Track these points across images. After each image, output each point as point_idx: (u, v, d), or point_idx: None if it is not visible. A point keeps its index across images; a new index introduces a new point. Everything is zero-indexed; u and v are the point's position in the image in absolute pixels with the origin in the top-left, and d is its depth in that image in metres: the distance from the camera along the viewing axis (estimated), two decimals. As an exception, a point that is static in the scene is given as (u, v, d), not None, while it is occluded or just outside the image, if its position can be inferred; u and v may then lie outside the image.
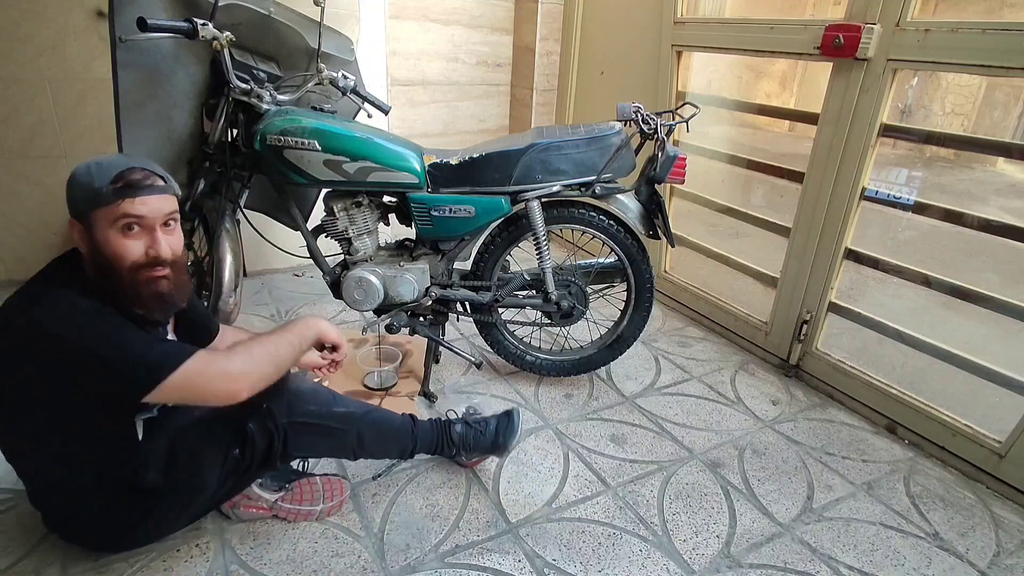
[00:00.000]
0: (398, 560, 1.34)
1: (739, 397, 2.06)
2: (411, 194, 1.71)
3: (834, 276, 2.01)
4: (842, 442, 1.85)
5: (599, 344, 2.04)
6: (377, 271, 1.77)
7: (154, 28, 1.37)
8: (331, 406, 1.32)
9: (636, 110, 1.72)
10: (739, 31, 2.18)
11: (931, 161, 5.31)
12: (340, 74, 1.68)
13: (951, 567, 1.42)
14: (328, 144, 1.60)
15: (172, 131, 1.63)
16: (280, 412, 1.23)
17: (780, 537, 1.47)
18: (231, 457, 1.22)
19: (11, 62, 2.20)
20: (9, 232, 2.42)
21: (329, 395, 1.35)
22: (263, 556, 1.32)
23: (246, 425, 1.20)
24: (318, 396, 1.31)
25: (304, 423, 1.26)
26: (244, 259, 1.90)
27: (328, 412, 1.30)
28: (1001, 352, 1.78)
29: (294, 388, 1.26)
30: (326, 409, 1.30)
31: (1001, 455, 1.66)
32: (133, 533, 1.25)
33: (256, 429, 1.21)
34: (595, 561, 1.36)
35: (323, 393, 1.34)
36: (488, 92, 3.34)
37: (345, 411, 1.33)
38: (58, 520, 1.24)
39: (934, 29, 1.62)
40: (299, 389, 1.27)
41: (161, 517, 1.24)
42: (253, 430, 1.21)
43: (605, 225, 1.81)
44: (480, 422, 1.55)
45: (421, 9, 2.93)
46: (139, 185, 1.04)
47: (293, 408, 1.25)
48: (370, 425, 1.39)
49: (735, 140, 3.43)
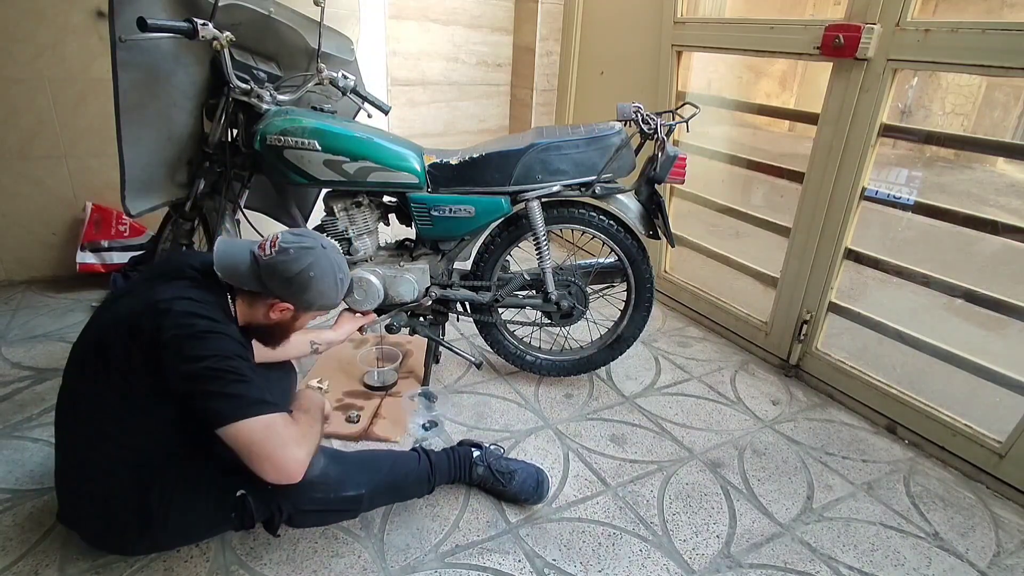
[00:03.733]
0: (398, 560, 1.34)
1: (739, 397, 2.06)
2: (411, 194, 1.71)
3: (834, 276, 2.01)
4: (842, 442, 1.85)
5: (599, 344, 2.04)
6: (377, 271, 1.77)
7: (154, 28, 1.37)
8: (340, 491, 1.23)
9: (636, 110, 1.72)
10: (739, 31, 2.18)
11: (931, 161, 5.31)
12: (340, 74, 1.68)
13: (951, 567, 1.42)
14: (328, 144, 1.60)
15: (172, 131, 1.63)
16: (285, 501, 1.18)
17: (780, 537, 1.47)
18: (226, 518, 1.19)
19: (11, 62, 2.21)
20: (9, 232, 2.42)
21: (338, 476, 1.24)
22: (263, 556, 1.32)
23: (245, 497, 1.16)
24: (327, 481, 1.22)
25: (311, 510, 1.22)
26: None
27: (336, 498, 1.23)
28: (1001, 352, 1.78)
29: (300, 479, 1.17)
30: (335, 495, 1.23)
31: (1001, 455, 1.66)
32: (131, 542, 1.24)
33: (256, 505, 1.17)
34: (595, 561, 1.36)
35: (332, 476, 1.23)
36: (488, 92, 3.34)
37: (355, 494, 1.25)
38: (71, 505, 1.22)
39: (934, 29, 1.62)
40: (305, 480, 1.15)
41: (154, 538, 1.22)
42: (252, 504, 1.16)
43: (605, 225, 1.81)
44: (504, 474, 1.47)
45: (421, 9, 2.93)
46: None
47: (299, 498, 1.18)
48: (382, 492, 1.34)
49: (735, 140, 3.43)
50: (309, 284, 1.17)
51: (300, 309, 1.23)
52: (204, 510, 1.17)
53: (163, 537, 1.22)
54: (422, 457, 1.42)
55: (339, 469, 1.25)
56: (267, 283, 1.16)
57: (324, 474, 1.21)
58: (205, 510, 1.18)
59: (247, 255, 1.18)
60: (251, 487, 1.15)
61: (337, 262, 1.24)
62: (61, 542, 1.31)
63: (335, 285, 1.23)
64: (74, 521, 1.24)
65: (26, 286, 2.49)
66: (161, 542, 1.25)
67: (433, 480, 1.42)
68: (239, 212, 1.77)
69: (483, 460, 1.49)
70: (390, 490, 1.37)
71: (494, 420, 1.85)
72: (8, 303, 2.35)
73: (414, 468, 1.40)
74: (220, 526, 1.24)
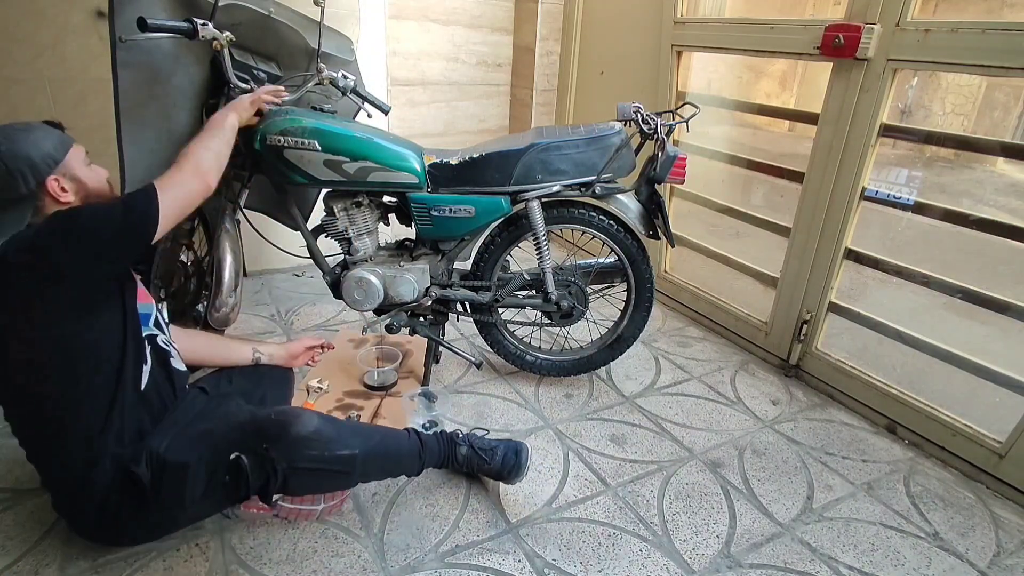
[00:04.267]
0: (398, 560, 1.34)
1: (739, 397, 2.06)
2: (411, 194, 1.71)
3: (834, 276, 2.01)
4: (842, 442, 1.85)
5: (599, 344, 2.04)
6: (377, 271, 1.77)
7: (154, 28, 1.37)
8: (333, 449, 1.25)
9: (636, 110, 1.72)
10: (739, 31, 2.18)
11: (931, 161, 5.31)
12: (340, 74, 1.68)
13: (951, 567, 1.42)
14: (328, 144, 1.60)
15: (172, 131, 1.63)
16: (280, 457, 1.19)
17: (780, 537, 1.47)
18: (221, 483, 1.20)
19: (11, 62, 2.20)
20: (9, 232, 2.42)
21: (332, 434, 1.26)
22: (263, 556, 1.32)
23: (240, 458, 1.18)
24: (320, 438, 1.24)
25: (305, 468, 1.23)
26: (244, 259, 1.90)
27: (331, 456, 1.25)
28: (1001, 352, 1.78)
29: (294, 434, 1.21)
30: (328, 453, 1.24)
31: (1001, 455, 1.66)
32: (128, 528, 1.25)
33: (251, 465, 1.18)
34: (595, 561, 1.36)
35: (325, 433, 1.25)
36: (488, 92, 3.34)
37: (348, 453, 1.27)
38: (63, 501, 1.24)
39: (934, 29, 1.62)
40: (299, 435, 1.22)
41: (148, 517, 1.23)
42: (247, 465, 1.18)
43: (605, 225, 1.81)
44: (486, 451, 1.50)
45: (421, 9, 2.93)
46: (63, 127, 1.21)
47: (294, 454, 1.21)
48: (375, 458, 1.35)
49: (735, 140, 3.43)
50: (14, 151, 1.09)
51: (55, 169, 1.13)
52: (196, 478, 1.18)
53: (158, 515, 1.23)
54: (412, 434, 1.45)
55: (332, 428, 1.28)
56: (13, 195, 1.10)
57: (317, 431, 1.23)
58: (197, 479, 1.18)
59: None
60: (245, 449, 1.18)
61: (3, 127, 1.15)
62: (61, 541, 1.31)
63: (21, 130, 1.12)
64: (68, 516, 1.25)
65: (26, 286, 2.48)
66: (157, 523, 1.26)
67: (424, 458, 1.43)
68: (239, 212, 1.77)
69: (465, 440, 1.52)
70: (382, 457, 1.38)
71: (494, 420, 1.85)
72: (8, 303, 2.35)
73: (405, 442, 1.43)
74: (215, 495, 1.24)
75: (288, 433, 1.21)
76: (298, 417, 1.24)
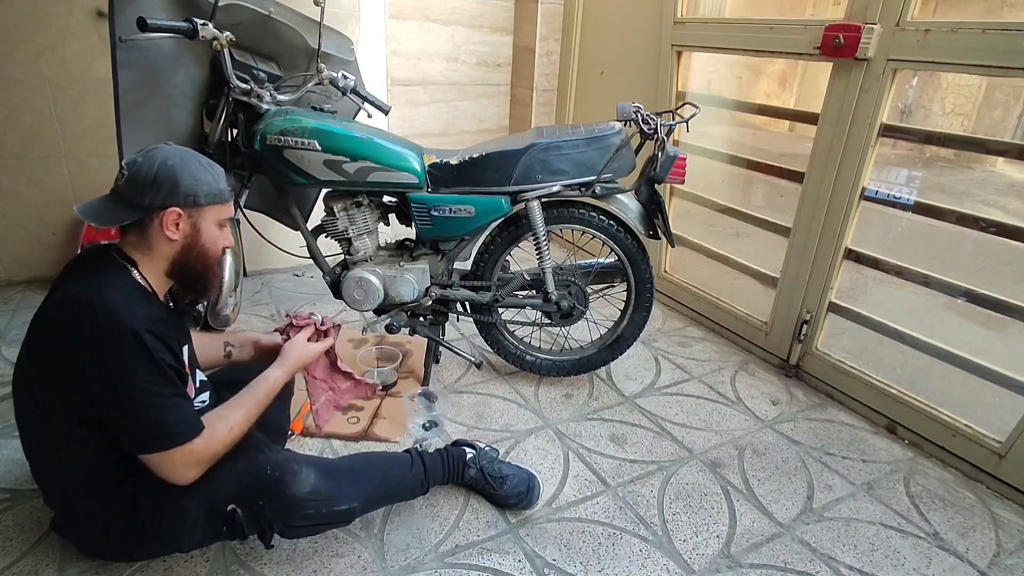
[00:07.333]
0: (398, 560, 1.34)
1: (739, 397, 2.06)
2: (411, 194, 1.71)
3: (834, 276, 2.01)
4: (842, 442, 1.85)
5: (599, 344, 2.04)
6: (377, 271, 1.77)
7: (154, 28, 1.37)
8: (331, 506, 1.21)
9: (636, 110, 1.72)
10: (739, 31, 2.18)
11: (931, 161, 5.31)
12: (340, 74, 1.68)
13: (951, 567, 1.42)
14: (328, 144, 1.60)
15: (172, 131, 1.63)
16: (276, 517, 1.16)
17: (780, 537, 1.47)
18: (218, 531, 1.18)
19: (11, 62, 2.20)
20: (9, 232, 2.42)
21: (330, 491, 1.21)
22: (263, 556, 1.32)
23: (235, 511, 1.14)
24: (318, 497, 1.19)
25: (302, 525, 1.21)
26: (244, 259, 1.90)
27: (328, 512, 1.21)
28: (1001, 352, 1.78)
29: (290, 496, 1.16)
30: (325, 510, 1.20)
31: (1001, 455, 1.66)
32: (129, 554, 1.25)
33: (247, 520, 1.15)
34: (595, 561, 1.36)
35: (323, 492, 1.19)
36: (488, 92, 3.34)
37: (347, 507, 1.23)
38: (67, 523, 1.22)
39: (934, 29, 1.62)
40: (295, 497, 1.16)
41: (152, 550, 1.23)
42: (242, 519, 1.15)
43: (605, 225, 1.81)
44: (496, 479, 1.47)
45: (421, 9, 2.93)
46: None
47: (290, 515, 1.17)
48: (375, 503, 1.34)
49: (735, 140, 3.43)
50: (174, 172, 1.09)
51: (187, 206, 1.11)
52: (195, 524, 1.16)
53: (160, 549, 1.23)
54: (415, 461, 1.40)
55: (330, 484, 1.22)
56: (137, 199, 1.08)
57: (315, 491, 1.18)
58: (196, 524, 1.16)
59: (106, 198, 1.13)
60: (241, 503, 1.14)
61: (188, 149, 1.16)
62: (61, 542, 1.31)
63: (202, 166, 1.13)
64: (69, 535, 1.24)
65: (26, 286, 2.49)
66: (159, 552, 1.26)
67: (427, 483, 1.41)
68: (239, 212, 1.77)
69: (476, 462, 1.48)
70: (383, 498, 1.37)
71: (494, 420, 1.85)
72: (8, 303, 2.35)
73: (407, 475, 1.38)
74: (215, 538, 1.22)
75: (284, 495, 1.16)
76: (295, 475, 1.17)
